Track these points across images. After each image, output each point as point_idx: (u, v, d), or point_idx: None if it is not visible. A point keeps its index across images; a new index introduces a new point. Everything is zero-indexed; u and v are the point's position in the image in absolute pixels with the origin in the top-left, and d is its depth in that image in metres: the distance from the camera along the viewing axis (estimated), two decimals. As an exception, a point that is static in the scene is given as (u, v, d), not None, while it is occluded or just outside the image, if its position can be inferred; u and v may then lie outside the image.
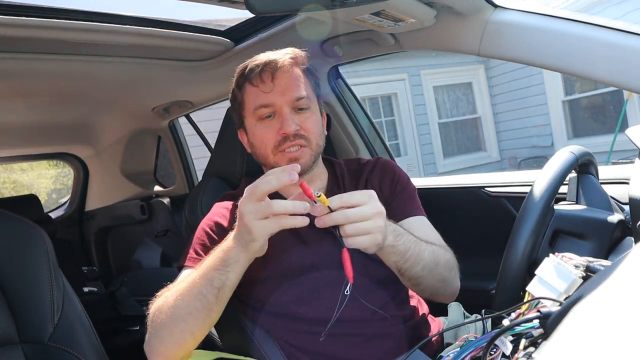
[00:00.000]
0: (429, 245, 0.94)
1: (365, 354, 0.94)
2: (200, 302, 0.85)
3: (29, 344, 0.97)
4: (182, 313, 0.86)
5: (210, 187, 1.33)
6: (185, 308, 0.86)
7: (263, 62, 0.99)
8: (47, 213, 2.93)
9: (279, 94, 0.98)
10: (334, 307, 0.96)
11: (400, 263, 0.88)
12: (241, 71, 1.03)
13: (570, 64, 0.98)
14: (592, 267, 0.65)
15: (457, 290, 1.02)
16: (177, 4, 1.09)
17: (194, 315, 0.85)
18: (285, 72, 0.99)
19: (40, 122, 2.30)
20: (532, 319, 0.58)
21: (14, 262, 1.00)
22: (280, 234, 0.98)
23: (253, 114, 1.01)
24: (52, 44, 1.30)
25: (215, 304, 0.85)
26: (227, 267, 0.83)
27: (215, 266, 0.84)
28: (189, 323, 0.86)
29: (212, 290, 0.84)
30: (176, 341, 0.88)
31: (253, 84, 1.00)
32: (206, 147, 2.45)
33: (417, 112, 8.54)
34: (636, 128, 0.95)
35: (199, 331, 0.88)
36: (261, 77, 0.99)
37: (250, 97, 1.02)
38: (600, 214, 0.93)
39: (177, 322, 0.86)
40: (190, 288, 0.86)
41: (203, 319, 0.86)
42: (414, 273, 0.90)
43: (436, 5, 1.09)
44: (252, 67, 1.00)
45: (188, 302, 0.86)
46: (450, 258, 1.00)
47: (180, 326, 0.86)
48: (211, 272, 0.84)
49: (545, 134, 8.23)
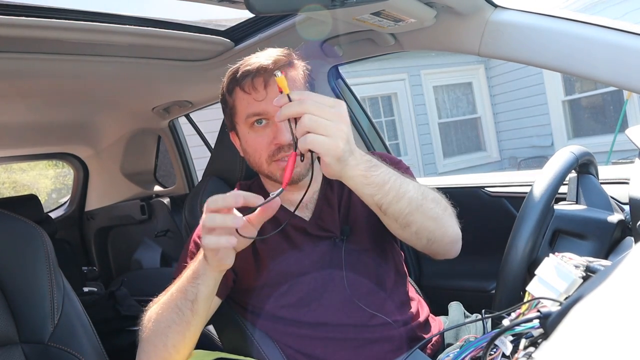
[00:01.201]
0: (413, 180, 0.88)
1: (364, 357, 0.94)
2: (177, 315, 0.85)
3: (29, 344, 0.97)
4: (162, 327, 0.87)
5: (210, 187, 1.33)
6: (165, 322, 0.87)
7: (255, 68, 0.93)
8: (47, 213, 2.93)
9: (272, 103, 0.96)
10: (332, 310, 0.96)
11: (378, 198, 0.80)
12: (232, 75, 0.98)
13: (570, 64, 0.98)
14: (592, 267, 0.65)
15: (457, 236, 0.94)
16: (177, 4, 1.09)
17: (173, 329, 0.86)
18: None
19: (40, 122, 2.31)
20: (532, 319, 0.58)
21: (14, 262, 1.00)
22: (274, 241, 0.99)
23: (245, 121, 0.97)
24: (52, 44, 1.30)
25: (191, 317, 0.85)
26: (197, 280, 0.83)
27: (188, 278, 0.84)
28: (170, 337, 0.86)
29: (187, 303, 0.84)
30: (161, 355, 0.88)
31: (245, 90, 0.95)
32: (206, 147, 2.45)
33: (417, 112, 8.54)
34: (636, 128, 0.95)
35: (181, 345, 0.88)
36: (253, 84, 0.94)
37: (242, 103, 0.97)
38: (600, 214, 0.93)
39: (160, 336, 0.87)
40: (169, 302, 0.87)
41: (183, 332, 0.86)
42: (399, 209, 0.82)
43: (436, 5, 1.09)
44: (243, 72, 0.95)
45: (166, 316, 0.86)
46: (440, 197, 0.92)
47: (162, 340, 0.87)
48: (185, 285, 0.85)
49: (545, 134, 8.24)
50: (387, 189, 0.80)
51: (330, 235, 1.00)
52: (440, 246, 0.92)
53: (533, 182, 0.92)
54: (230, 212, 0.75)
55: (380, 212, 0.84)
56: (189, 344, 0.89)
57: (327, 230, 1.00)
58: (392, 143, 8.30)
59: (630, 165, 1.07)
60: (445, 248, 0.94)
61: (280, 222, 1.00)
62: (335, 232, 1.00)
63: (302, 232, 1.00)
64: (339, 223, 1.01)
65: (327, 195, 1.03)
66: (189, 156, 2.53)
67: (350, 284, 0.96)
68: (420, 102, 8.59)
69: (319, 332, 0.95)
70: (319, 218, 1.02)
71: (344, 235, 1.00)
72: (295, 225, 1.00)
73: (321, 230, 1.01)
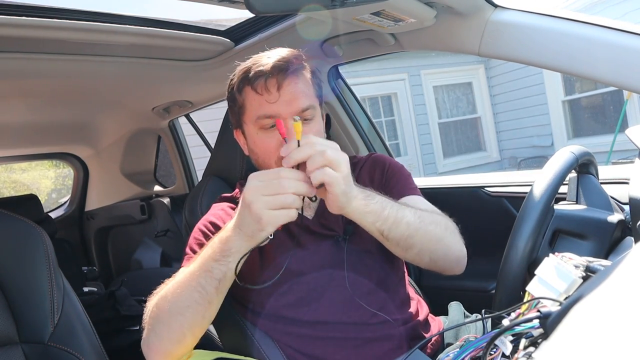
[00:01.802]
0: (410, 207, 0.91)
1: (364, 356, 0.94)
2: (200, 294, 0.83)
3: (29, 344, 0.97)
4: (180, 307, 0.84)
5: (210, 187, 1.33)
6: (184, 301, 0.84)
7: (269, 70, 0.92)
8: (47, 213, 2.93)
9: (285, 105, 0.92)
10: (333, 309, 0.96)
11: (379, 224, 0.86)
12: (244, 74, 0.96)
13: (570, 64, 0.98)
14: (592, 267, 0.65)
15: (462, 256, 0.97)
16: (177, 4, 1.09)
17: (193, 309, 0.84)
18: (291, 81, 0.93)
19: (40, 122, 2.31)
20: (532, 319, 0.58)
21: (14, 262, 1.00)
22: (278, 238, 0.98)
23: (255, 122, 0.96)
24: (52, 44, 1.30)
25: (215, 296, 0.84)
26: (228, 258, 0.82)
27: (215, 257, 0.83)
28: (187, 317, 0.84)
29: (212, 282, 0.83)
30: (175, 337, 0.86)
31: (257, 91, 0.94)
32: (206, 147, 2.45)
33: (417, 112, 8.54)
34: (636, 128, 0.95)
35: (198, 326, 0.87)
36: (266, 85, 0.92)
37: (252, 104, 0.95)
38: (600, 214, 0.93)
39: (176, 316, 0.85)
40: (189, 281, 0.85)
41: (202, 313, 0.85)
42: (400, 234, 0.87)
43: (436, 5, 1.09)
44: (256, 72, 0.93)
45: (186, 295, 0.84)
46: (442, 219, 0.96)
47: (179, 321, 0.85)
48: (210, 263, 0.83)
49: (545, 134, 8.24)
50: (385, 215, 0.86)
51: (333, 234, 1.00)
52: (444, 264, 0.96)
53: (533, 182, 0.92)
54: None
55: (383, 238, 0.88)
56: (205, 326, 0.88)
57: (331, 229, 1.01)
58: (392, 143, 8.30)
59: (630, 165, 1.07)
60: (450, 265, 0.97)
61: None
62: (338, 231, 1.01)
63: (305, 230, 1.00)
64: (342, 222, 1.01)
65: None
66: (189, 156, 2.53)
67: (352, 283, 0.96)
68: (420, 102, 8.59)
69: (319, 331, 0.95)
70: (322, 217, 1.02)
71: (347, 234, 1.00)
72: (298, 224, 1.00)
73: (324, 228, 1.01)
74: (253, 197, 0.77)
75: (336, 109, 1.72)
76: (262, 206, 0.76)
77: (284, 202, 0.76)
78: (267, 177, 0.78)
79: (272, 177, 0.78)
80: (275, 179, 0.77)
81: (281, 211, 0.76)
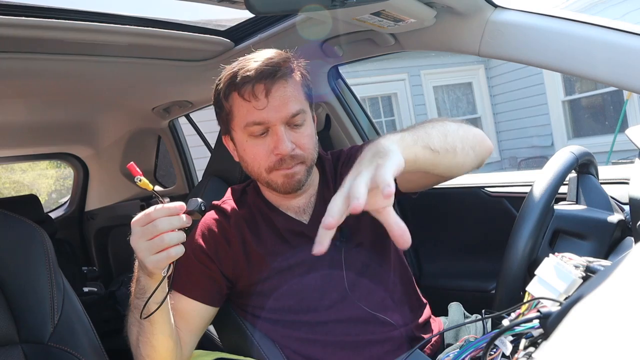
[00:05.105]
0: (425, 128, 0.86)
1: (364, 357, 0.94)
2: (137, 328, 0.88)
3: (29, 344, 0.97)
4: (132, 339, 0.91)
5: (210, 187, 1.33)
6: (132, 335, 0.90)
7: (256, 75, 0.89)
8: (47, 213, 2.93)
9: (274, 111, 0.90)
10: (332, 311, 0.96)
11: (421, 143, 0.80)
12: (230, 79, 0.93)
13: (570, 64, 0.98)
14: (592, 267, 0.65)
15: (481, 135, 0.96)
16: (177, 4, 1.09)
17: (141, 341, 0.88)
18: (280, 86, 0.90)
19: (40, 122, 2.30)
20: (532, 319, 0.58)
21: (14, 262, 1.00)
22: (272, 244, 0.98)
23: (244, 129, 0.93)
24: (52, 44, 1.30)
25: (151, 327, 0.87)
26: (145, 294, 0.83)
27: (137, 295, 0.86)
28: (140, 348, 0.89)
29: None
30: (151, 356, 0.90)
31: (245, 98, 0.90)
32: (206, 147, 2.45)
33: (417, 112, 8.54)
34: (636, 128, 0.95)
35: (155, 355, 0.89)
36: (254, 91, 0.89)
37: (240, 110, 0.92)
38: (600, 214, 0.93)
39: (135, 348, 0.91)
40: (130, 316, 0.90)
41: (151, 344, 0.88)
42: (437, 139, 0.83)
43: (436, 5, 1.09)
44: (243, 77, 0.90)
45: (131, 330, 0.90)
46: (448, 123, 0.91)
47: (138, 351, 0.90)
48: (135, 301, 0.87)
49: (545, 134, 8.23)
50: (416, 134, 0.81)
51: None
52: (481, 150, 0.95)
53: (533, 182, 0.92)
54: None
55: (433, 153, 0.82)
56: (161, 351, 0.89)
57: None
58: (392, 143, 8.28)
59: (630, 165, 1.07)
60: (488, 148, 0.97)
61: (278, 226, 1.00)
62: (335, 233, 1.00)
63: (300, 236, 0.99)
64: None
65: (325, 197, 1.03)
66: (189, 156, 2.53)
67: (351, 285, 0.96)
68: (420, 102, 8.59)
69: (319, 333, 0.95)
70: (317, 221, 1.01)
71: (344, 237, 0.99)
72: (294, 230, 1.00)
73: None
74: (135, 246, 0.77)
75: (336, 109, 1.72)
76: (145, 254, 0.76)
77: (160, 245, 0.75)
78: (143, 222, 0.76)
79: (145, 220, 0.76)
80: (149, 222, 0.75)
81: (161, 254, 0.76)
